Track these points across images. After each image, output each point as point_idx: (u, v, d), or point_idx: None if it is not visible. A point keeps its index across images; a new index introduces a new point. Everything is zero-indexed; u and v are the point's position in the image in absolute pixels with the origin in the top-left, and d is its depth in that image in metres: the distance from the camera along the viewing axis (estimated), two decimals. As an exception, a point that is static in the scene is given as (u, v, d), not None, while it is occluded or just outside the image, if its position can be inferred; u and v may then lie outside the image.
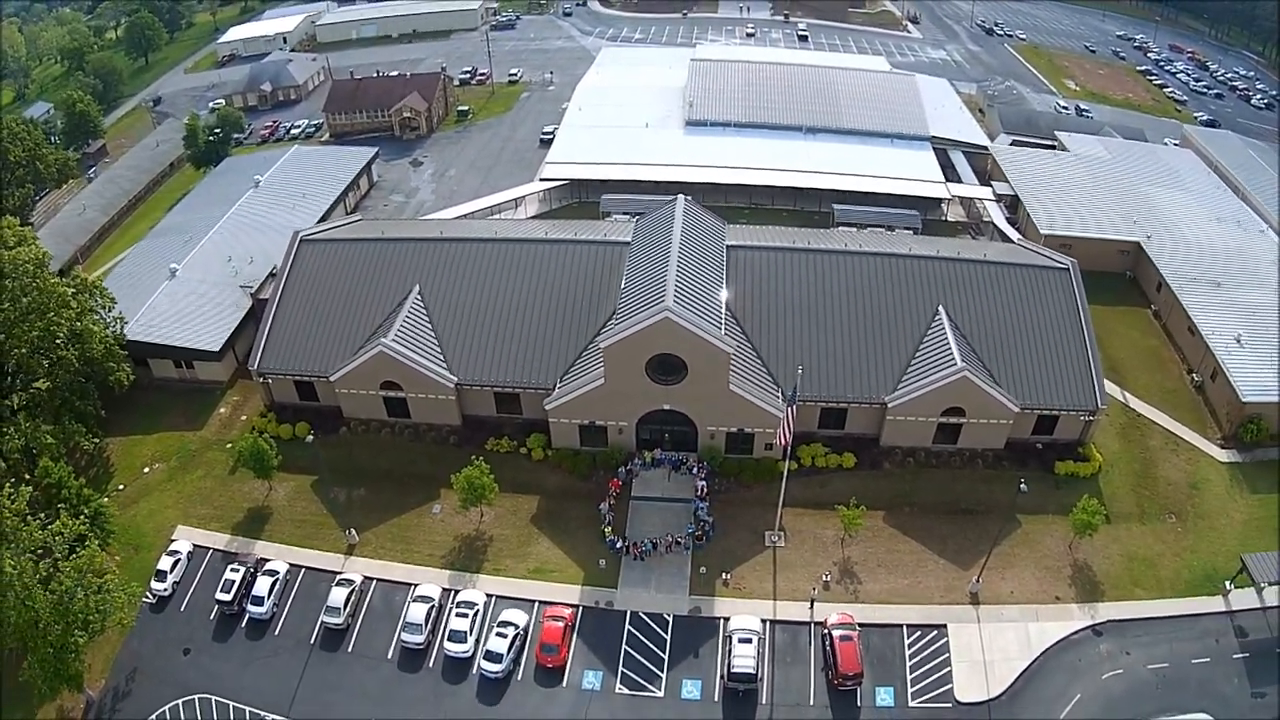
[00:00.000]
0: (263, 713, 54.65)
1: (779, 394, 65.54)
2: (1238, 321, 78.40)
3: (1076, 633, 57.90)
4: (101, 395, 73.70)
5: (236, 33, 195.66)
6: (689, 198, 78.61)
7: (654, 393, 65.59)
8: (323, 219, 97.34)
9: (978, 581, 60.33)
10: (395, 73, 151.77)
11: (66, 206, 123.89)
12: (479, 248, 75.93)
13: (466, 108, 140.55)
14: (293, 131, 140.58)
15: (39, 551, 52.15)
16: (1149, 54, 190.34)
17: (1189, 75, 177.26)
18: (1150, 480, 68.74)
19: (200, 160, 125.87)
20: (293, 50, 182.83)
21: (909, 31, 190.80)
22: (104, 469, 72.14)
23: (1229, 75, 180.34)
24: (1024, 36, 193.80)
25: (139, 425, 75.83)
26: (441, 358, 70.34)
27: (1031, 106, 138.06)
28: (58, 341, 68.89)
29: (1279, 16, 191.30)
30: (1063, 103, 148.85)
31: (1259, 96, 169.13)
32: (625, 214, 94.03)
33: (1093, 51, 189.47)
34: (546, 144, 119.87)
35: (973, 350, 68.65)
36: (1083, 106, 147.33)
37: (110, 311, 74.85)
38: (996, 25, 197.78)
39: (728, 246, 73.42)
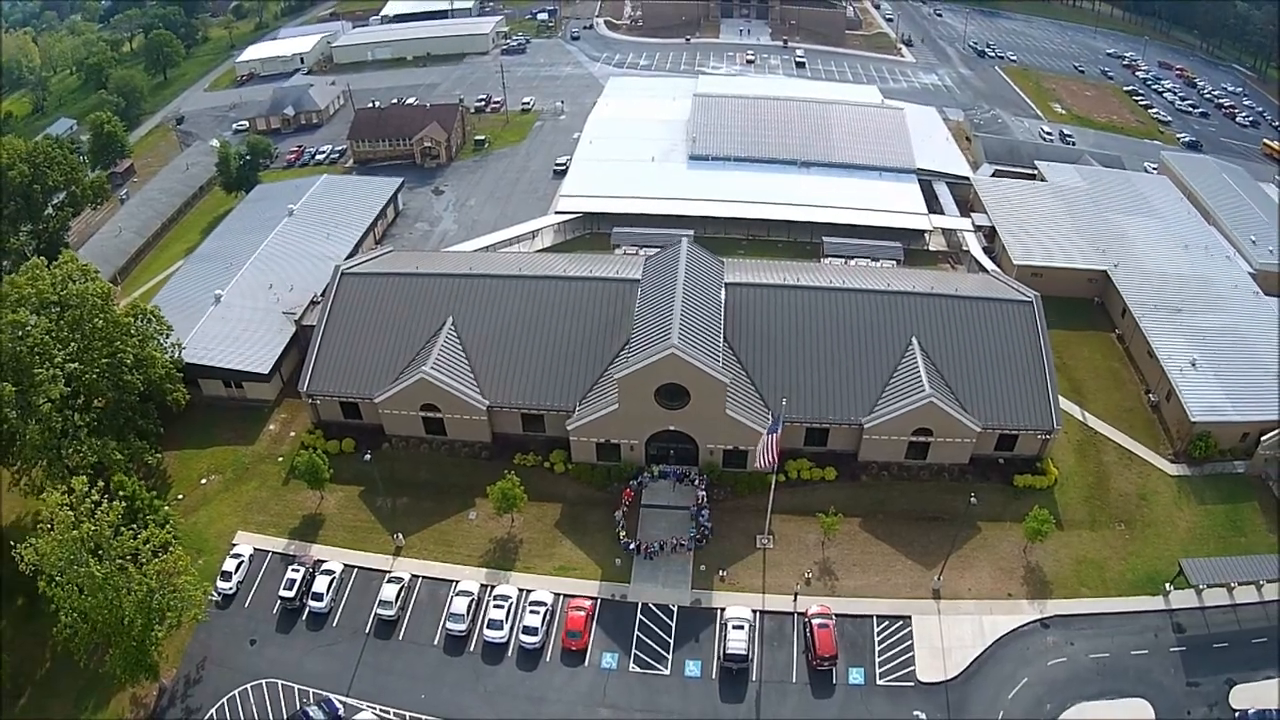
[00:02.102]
0: (325, 693, 61.11)
1: (770, 416, 70.77)
2: (1193, 345, 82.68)
3: (1026, 625, 64.10)
4: (158, 413, 78.89)
5: (254, 52, 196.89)
6: (691, 236, 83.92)
7: (661, 416, 71.76)
8: (354, 248, 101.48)
9: (939, 579, 66.55)
10: (413, 100, 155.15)
11: (104, 228, 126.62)
12: (506, 283, 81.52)
13: (483, 137, 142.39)
14: (317, 157, 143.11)
15: (126, 557, 57.21)
16: (1137, 72, 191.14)
17: (1175, 94, 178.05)
18: (1103, 491, 74.34)
19: (231, 185, 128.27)
20: (309, 71, 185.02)
21: (903, 55, 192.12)
22: (162, 481, 77.37)
23: (1216, 92, 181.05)
24: (1015, 58, 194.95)
25: (192, 440, 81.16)
26: (474, 383, 76.32)
27: (1015, 135, 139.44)
28: (125, 366, 74.27)
29: (1279, 28, 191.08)
30: (1047, 128, 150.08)
31: (1244, 114, 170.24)
32: (635, 246, 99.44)
33: (1081, 71, 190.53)
34: (560, 175, 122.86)
35: (941, 377, 74.60)
36: (1066, 132, 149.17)
37: (168, 338, 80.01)
38: (989, 47, 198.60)
39: (726, 284, 78.96)
